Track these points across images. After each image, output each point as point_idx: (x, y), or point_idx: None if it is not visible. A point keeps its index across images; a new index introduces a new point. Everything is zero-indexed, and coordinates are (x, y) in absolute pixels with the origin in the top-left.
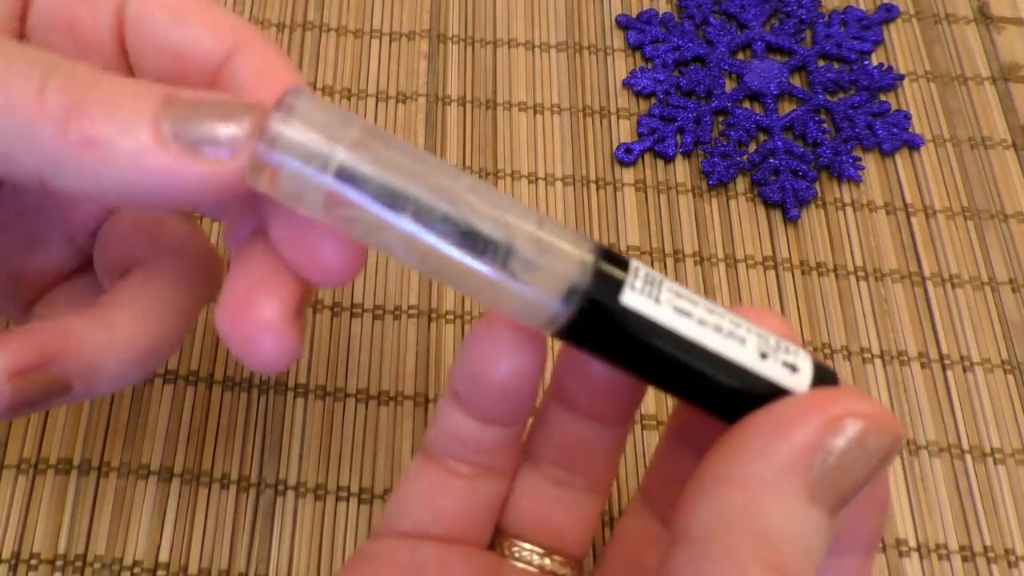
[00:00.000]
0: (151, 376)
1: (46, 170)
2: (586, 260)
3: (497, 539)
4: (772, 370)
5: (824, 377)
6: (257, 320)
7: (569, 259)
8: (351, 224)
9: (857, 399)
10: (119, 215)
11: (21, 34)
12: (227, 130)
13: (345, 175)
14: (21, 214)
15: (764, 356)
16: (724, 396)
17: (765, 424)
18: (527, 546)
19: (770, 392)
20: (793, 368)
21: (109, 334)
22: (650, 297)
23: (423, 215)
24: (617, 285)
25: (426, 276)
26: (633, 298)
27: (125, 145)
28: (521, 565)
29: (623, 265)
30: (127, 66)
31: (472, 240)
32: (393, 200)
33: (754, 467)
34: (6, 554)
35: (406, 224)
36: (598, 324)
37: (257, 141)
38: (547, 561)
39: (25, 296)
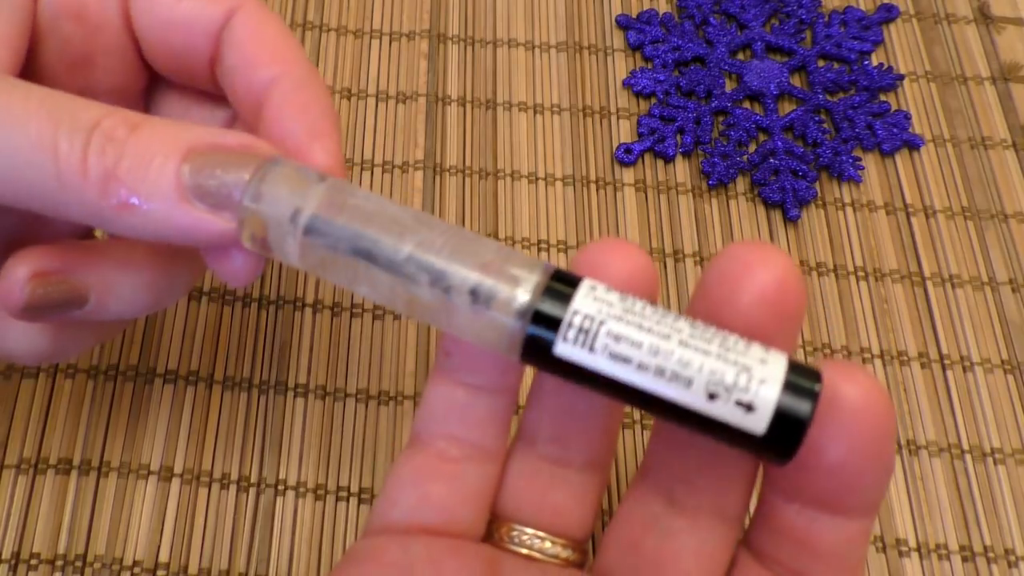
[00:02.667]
0: (152, 375)
1: (93, 222)
2: (520, 311)
3: (494, 526)
4: (722, 411)
5: (795, 400)
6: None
7: (504, 308)
8: (325, 272)
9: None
10: None
11: (34, 23)
12: (235, 191)
13: (310, 233)
14: None
15: (713, 397)
16: (677, 422)
17: None
18: (527, 530)
19: (722, 430)
20: (748, 407)
21: (128, 256)
22: (583, 347)
23: (380, 268)
24: (552, 334)
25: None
26: (566, 348)
27: (154, 207)
28: (523, 551)
29: (564, 303)
30: (134, 42)
31: (420, 286)
32: (353, 254)
33: None
34: (6, 554)
35: (366, 276)
36: (542, 364)
37: (237, 211)
38: (547, 544)
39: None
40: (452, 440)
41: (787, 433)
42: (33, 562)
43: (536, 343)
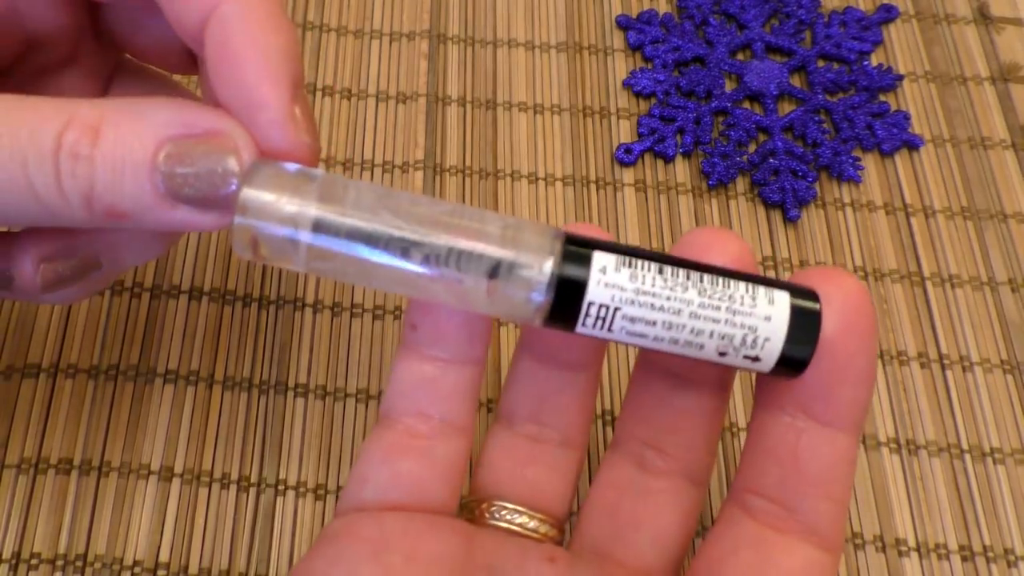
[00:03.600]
0: (152, 375)
1: (85, 228)
2: (537, 307)
3: (474, 503)
4: (732, 361)
5: (796, 345)
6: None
7: (524, 289)
8: (332, 273)
9: None
10: None
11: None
12: (212, 182)
13: (314, 239)
14: None
15: (723, 354)
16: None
17: None
18: (506, 505)
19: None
20: (755, 359)
21: None
22: (602, 329)
23: (385, 247)
24: (572, 320)
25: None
26: (586, 331)
27: (138, 213)
28: (503, 525)
29: (579, 292)
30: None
31: (433, 267)
32: (362, 244)
33: None
34: (6, 554)
35: (375, 265)
36: (565, 324)
37: (232, 217)
38: (526, 519)
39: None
40: (420, 416)
41: (790, 370)
42: (33, 562)
43: (561, 309)
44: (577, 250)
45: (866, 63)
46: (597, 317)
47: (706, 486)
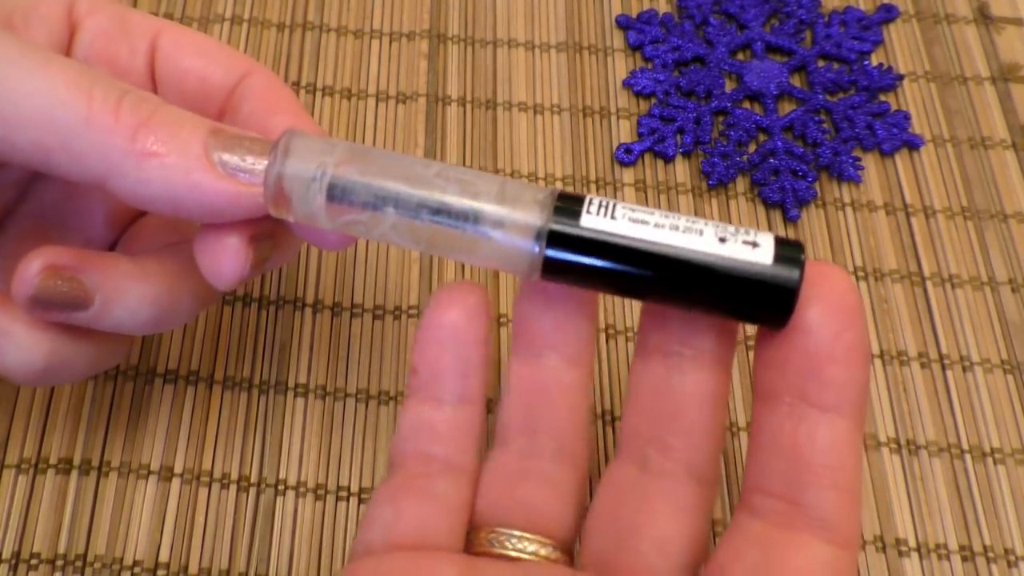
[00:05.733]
0: (152, 376)
1: (111, 174)
2: (542, 204)
3: (472, 534)
4: (734, 251)
5: (787, 248)
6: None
7: (528, 208)
8: (352, 227)
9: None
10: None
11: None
12: (256, 162)
13: (334, 191)
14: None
15: (723, 240)
16: (696, 285)
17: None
18: (504, 531)
19: (737, 269)
20: (754, 244)
21: (136, 268)
22: (606, 216)
23: (403, 206)
24: (575, 214)
25: (425, 253)
26: (591, 220)
27: (179, 160)
28: (508, 552)
29: (578, 200)
30: (155, 89)
31: (445, 214)
32: (377, 200)
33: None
34: (6, 554)
35: (392, 215)
36: (568, 251)
37: (269, 177)
38: (527, 544)
39: None
40: (422, 458)
41: (790, 264)
42: (33, 562)
43: (562, 224)
44: (571, 193)
45: (866, 63)
46: (600, 205)
47: (715, 485)
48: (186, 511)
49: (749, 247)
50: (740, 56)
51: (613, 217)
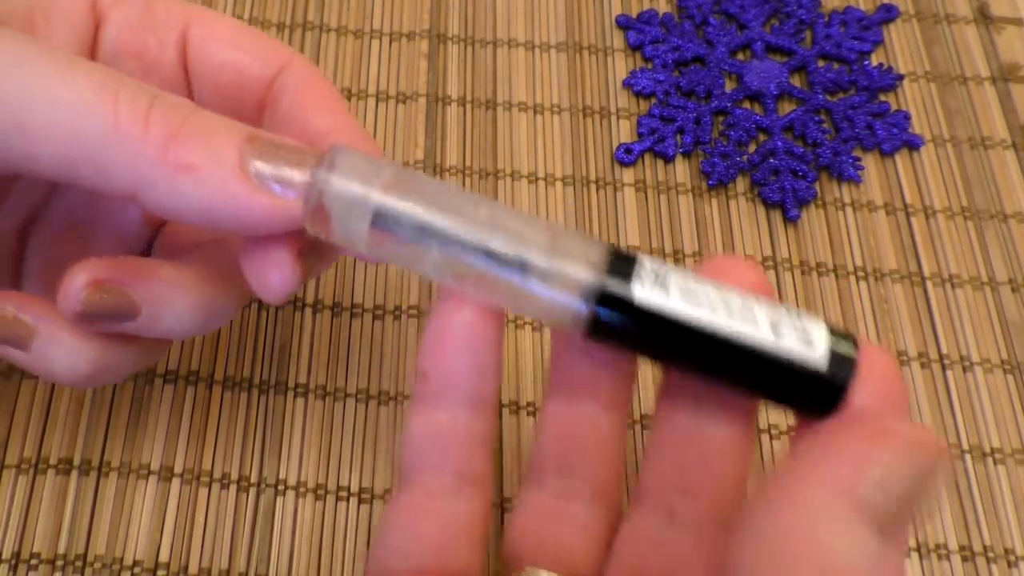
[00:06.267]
0: (152, 376)
1: (140, 186)
2: (594, 265)
3: (504, 570)
4: (787, 345)
5: (840, 341)
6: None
7: (579, 266)
8: (391, 257)
9: (899, 420)
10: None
11: (93, 58)
12: (295, 174)
13: (378, 219)
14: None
15: (776, 330)
16: (744, 371)
17: (818, 448)
18: (533, 571)
19: (789, 364)
20: (807, 339)
21: (180, 275)
22: (659, 288)
23: (449, 245)
24: (626, 278)
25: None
26: (643, 292)
27: (213, 173)
28: None
29: (630, 261)
30: (188, 83)
31: (493, 259)
32: (424, 233)
33: (808, 491)
34: (6, 554)
35: (435, 252)
36: (616, 321)
37: (310, 194)
38: None
39: None
40: (436, 472)
41: (843, 363)
42: (33, 562)
43: (612, 294)
44: (625, 252)
45: (866, 63)
46: (654, 274)
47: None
48: (186, 511)
49: (803, 341)
50: (740, 56)
51: (666, 289)
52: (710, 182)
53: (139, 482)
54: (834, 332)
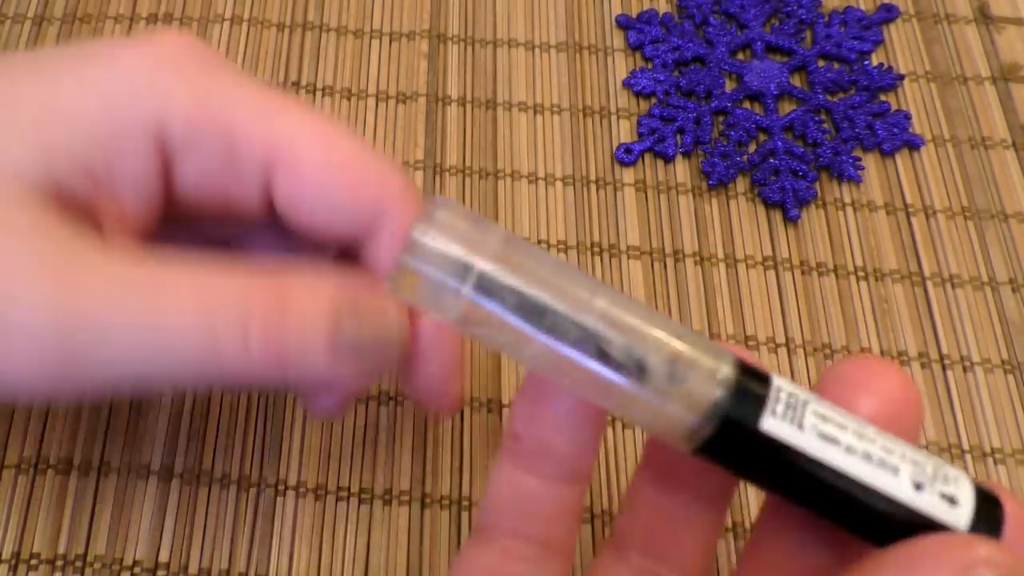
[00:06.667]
0: None
1: (240, 381)
2: (722, 381)
3: None
4: (928, 503)
5: (985, 504)
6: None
7: (705, 380)
8: (487, 337)
9: (990, 547)
10: None
11: (169, 207)
12: (379, 340)
13: (482, 289)
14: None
15: (919, 487)
16: (873, 525)
17: (897, 562)
18: None
19: (927, 525)
20: (952, 500)
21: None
22: (792, 423)
23: (558, 332)
24: (757, 409)
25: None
26: (774, 424)
27: (312, 372)
28: None
29: (764, 382)
30: (272, 215)
31: (606, 358)
32: (529, 316)
33: None
34: (6, 554)
35: (541, 340)
36: (736, 447)
37: (401, 251)
38: None
39: None
40: (519, 537)
41: (988, 523)
42: (33, 562)
43: (738, 419)
44: (756, 368)
45: (866, 63)
46: (788, 404)
47: None
48: (186, 511)
49: (946, 502)
50: (740, 56)
51: (801, 426)
52: (710, 182)
53: (139, 482)
54: (980, 489)
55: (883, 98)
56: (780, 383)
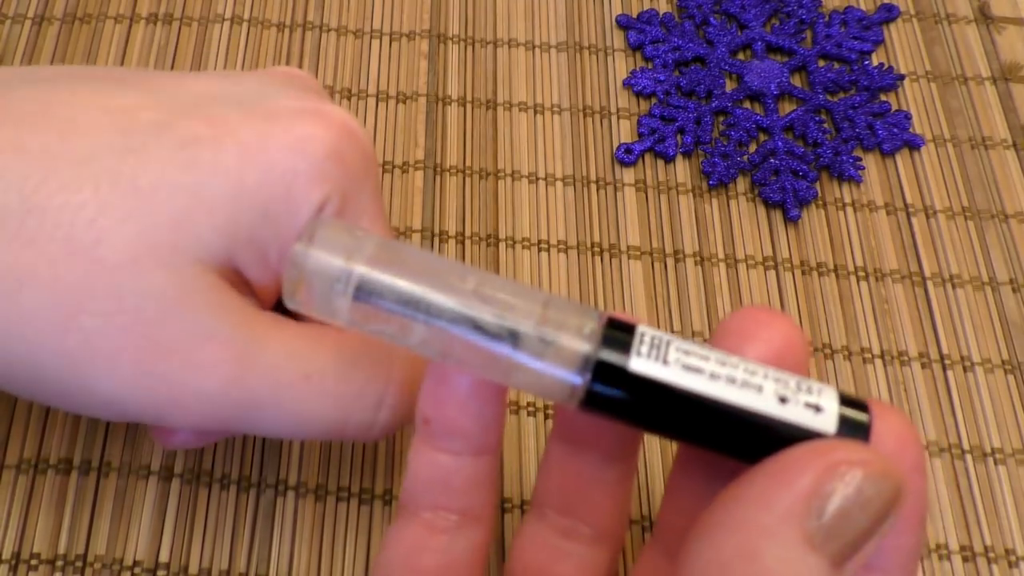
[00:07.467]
0: None
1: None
2: (589, 335)
3: None
4: (794, 413)
5: (853, 408)
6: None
7: (573, 337)
8: (377, 332)
9: (855, 449)
10: None
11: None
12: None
13: (362, 290)
14: None
15: (784, 400)
16: (748, 444)
17: (766, 472)
18: None
19: (796, 435)
20: (816, 408)
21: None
22: (657, 360)
23: (435, 316)
24: (624, 349)
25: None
26: (640, 363)
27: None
28: None
29: (628, 331)
30: None
31: (482, 333)
32: (407, 307)
33: (754, 514)
34: (6, 554)
35: (423, 326)
36: (612, 393)
37: (290, 268)
38: None
39: None
40: (439, 510)
41: (855, 434)
42: (33, 562)
43: (607, 366)
44: (620, 321)
45: (867, 63)
46: (652, 344)
47: None
48: (186, 511)
49: (811, 410)
50: (740, 56)
51: (665, 361)
52: (710, 182)
53: (139, 482)
54: (845, 399)
55: (883, 98)
56: (644, 329)
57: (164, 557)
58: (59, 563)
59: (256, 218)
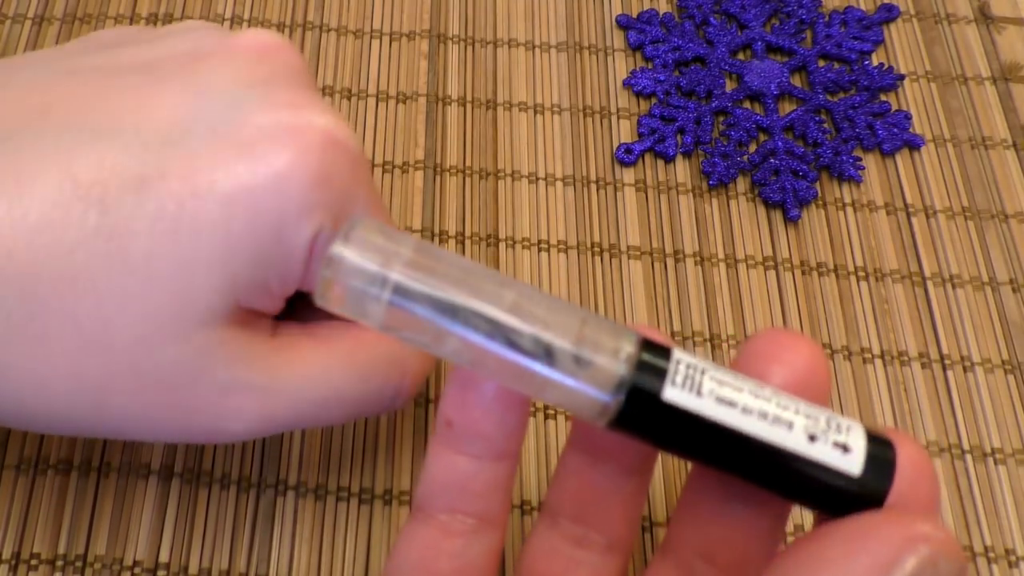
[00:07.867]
0: None
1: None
2: (626, 359)
3: None
4: (822, 453)
5: (878, 448)
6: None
7: (609, 358)
8: (409, 338)
9: (931, 524)
10: None
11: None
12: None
13: (398, 295)
14: None
15: (813, 439)
16: (774, 476)
17: (841, 540)
18: None
19: (822, 475)
20: (844, 448)
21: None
22: (691, 391)
23: (471, 327)
24: (659, 381)
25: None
26: (675, 393)
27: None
28: None
29: (665, 356)
30: None
31: (515, 347)
32: (443, 315)
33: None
34: (6, 554)
35: (457, 336)
36: (644, 419)
37: (324, 267)
38: None
39: None
40: (455, 513)
41: (880, 474)
42: (33, 562)
43: (641, 392)
44: (658, 343)
45: (867, 63)
46: (686, 375)
47: None
48: (186, 511)
49: (839, 450)
50: (740, 56)
51: (699, 392)
52: (710, 182)
53: (139, 482)
54: (872, 437)
55: (883, 98)
56: (680, 355)
57: (164, 557)
58: (59, 563)
59: (251, 266)
